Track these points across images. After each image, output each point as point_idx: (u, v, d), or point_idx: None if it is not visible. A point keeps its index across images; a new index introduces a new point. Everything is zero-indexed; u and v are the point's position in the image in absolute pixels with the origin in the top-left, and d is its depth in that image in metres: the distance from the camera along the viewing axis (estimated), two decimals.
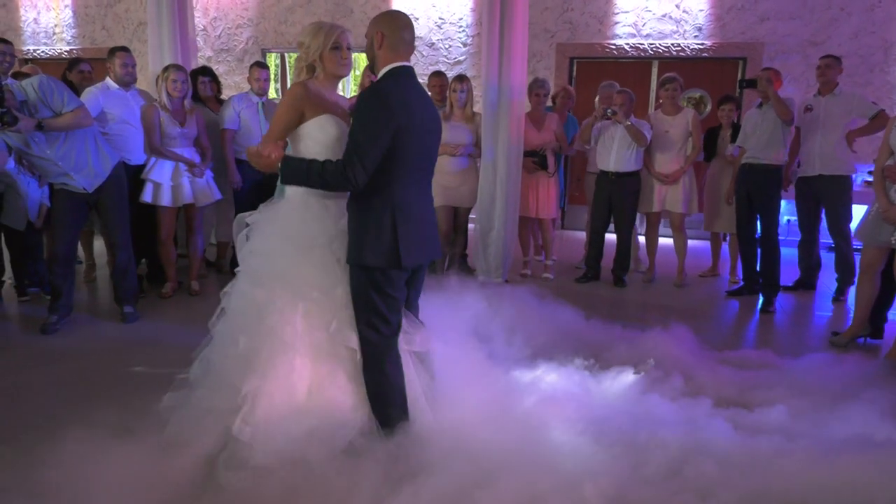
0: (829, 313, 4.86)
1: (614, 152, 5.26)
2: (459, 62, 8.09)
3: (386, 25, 2.38)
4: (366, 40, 2.44)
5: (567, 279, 5.58)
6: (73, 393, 3.18)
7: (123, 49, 4.64)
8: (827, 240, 5.41)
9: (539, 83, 5.42)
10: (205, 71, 5.44)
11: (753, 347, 3.97)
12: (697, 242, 6.78)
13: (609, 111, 5.17)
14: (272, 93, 5.91)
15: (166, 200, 4.62)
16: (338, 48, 2.47)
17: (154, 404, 2.62)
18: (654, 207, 5.40)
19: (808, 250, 5.32)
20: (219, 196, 4.92)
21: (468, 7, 8.01)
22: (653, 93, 7.63)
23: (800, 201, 5.24)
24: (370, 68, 2.48)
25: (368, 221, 2.36)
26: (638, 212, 5.47)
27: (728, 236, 5.64)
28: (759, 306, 4.87)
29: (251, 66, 5.21)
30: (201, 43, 8.62)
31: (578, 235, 7.30)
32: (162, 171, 4.60)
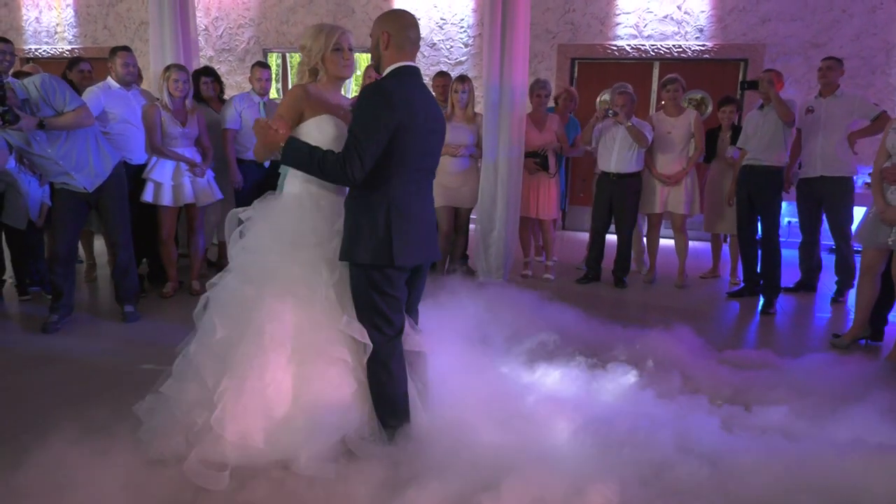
0: (830, 315, 4.86)
1: (615, 153, 5.26)
2: (461, 62, 8.10)
3: (391, 25, 2.37)
4: (371, 40, 2.44)
5: (568, 280, 5.58)
6: (74, 392, 3.18)
7: (125, 48, 4.64)
8: (828, 241, 5.41)
9: (540, 84, 5.43)
10: (207, 71, 5.44)
11: (754, 349, 3.97)
12: (698, 244, 6.78)
13: (610, 112, 5.18)
14: (273, 93, 5.91)
15: (167, 200, 4.63)
16: (339, 50, 2.47)
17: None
18: (656, 208, 5.40)
19: (809, 252, 5.32)
20: (220, 196, 4.92)
21: (470, 7, 8.02)
22: (654, 94, 7.63)
23: (801, 203, 5.24)
24: (375, 68, 2.47)
25: (364, 218, 2.35)
26: (640, 213, 5.47)
27: (728, 238, 5.64)
28: (760, 308, 4.87)
29: (253, 66, 5.22)
30: (203, 43, 8.63)
31: (579, 236, 7.31)
32: (163, 171, 4.60)
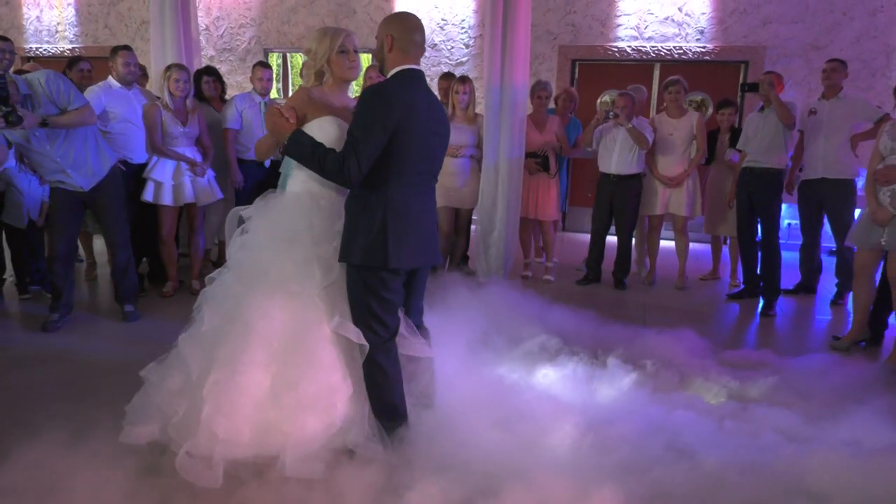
0: (830, 317, 4.86)
1: (616, 154, 5.26)
2: (462, 63, 8.10)
3: (396, 28, 2.36)
4: (376, 42, 2.43)
5: (568, 281, 5.57)
6: (73, 391, 3.18)
7: (126, 48, 4.63)
8: (828, 244, 5.41)
9: (541, 85, 5.43)
10: (209, 71, 5.44)
11: (754, 350, 3.96)
12: (698, 245, 6.78)
13: (611, 113, 5.17)
14: (274, 93, 5.91)
15: (168, 199, 4.63)
16: (345, 52, 2.47)
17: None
18: (658, 210, 5.40)
19: (810, 254, 5.32)
20: (220, 195, 4.92)
21: (471, 8, 8.02)
22: (654, 95, 7.63)
23: (802, 205, 5.23)
24: (380, 70, 2.48)
25: (361, 219, 2.35)
26: (641, 214, 5.47)
27: (728, 239, 5.64)
28: (760, 310, 4.87)
29: (254, 66, 5.22)
30: (204, 42, 8.64)
31: (580, 237, 7.31)
32: (163, 171, 4.60)
